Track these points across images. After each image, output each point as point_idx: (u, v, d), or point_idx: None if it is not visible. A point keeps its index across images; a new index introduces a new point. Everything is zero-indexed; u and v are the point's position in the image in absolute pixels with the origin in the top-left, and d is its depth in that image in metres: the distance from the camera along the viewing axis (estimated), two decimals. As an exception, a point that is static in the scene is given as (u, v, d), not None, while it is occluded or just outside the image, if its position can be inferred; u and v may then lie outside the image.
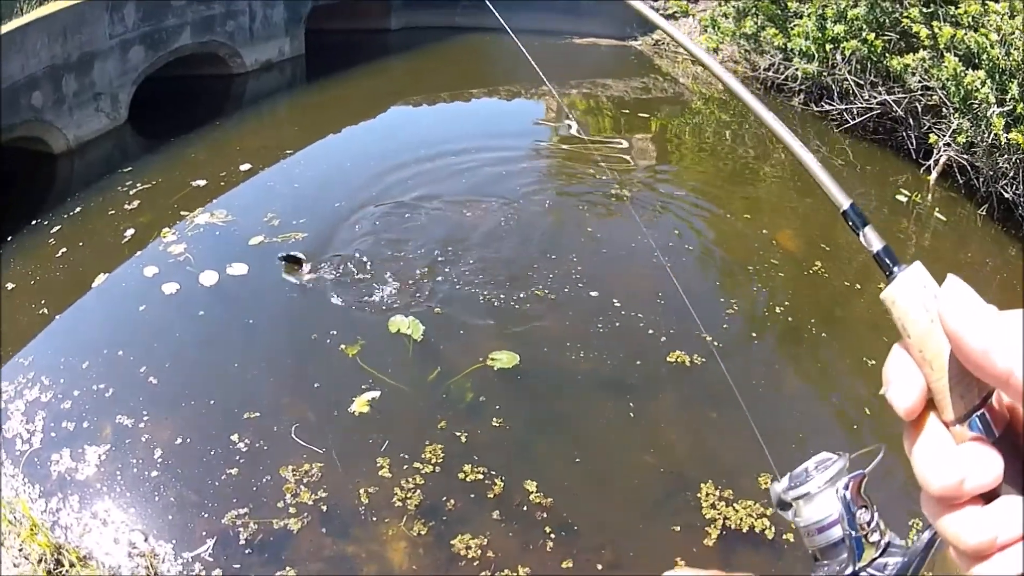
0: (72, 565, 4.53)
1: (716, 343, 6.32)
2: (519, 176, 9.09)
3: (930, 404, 0.66)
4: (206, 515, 4.93)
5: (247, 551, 4.73)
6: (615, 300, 6.76)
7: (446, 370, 6.08)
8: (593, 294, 6.85)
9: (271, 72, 12.30)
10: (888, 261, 0.73)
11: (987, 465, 0.61)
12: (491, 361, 6.11)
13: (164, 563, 4.68)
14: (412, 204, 8.24)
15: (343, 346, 6.24)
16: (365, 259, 7.28)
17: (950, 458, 0.62)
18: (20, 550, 4.63)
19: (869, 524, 1.05)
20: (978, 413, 0.63)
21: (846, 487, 1.06)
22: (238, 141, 9.92)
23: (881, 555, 1.04)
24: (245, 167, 9.12)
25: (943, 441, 0.64)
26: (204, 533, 4.82)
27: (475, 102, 12.22)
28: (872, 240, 0.77)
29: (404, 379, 5.99)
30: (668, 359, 6.21)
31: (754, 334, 6.71)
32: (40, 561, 4.54)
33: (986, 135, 8.31)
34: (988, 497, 0.62)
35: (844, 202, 0.84)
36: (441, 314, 6.63)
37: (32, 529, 4.68)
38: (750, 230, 8.33)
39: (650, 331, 6.48)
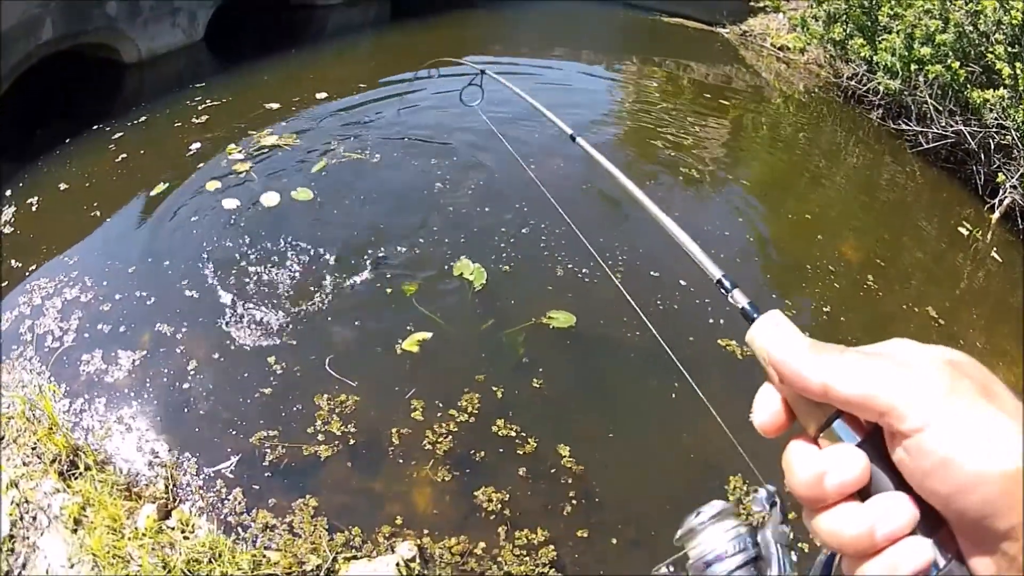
0: (88, 468, 4.49)
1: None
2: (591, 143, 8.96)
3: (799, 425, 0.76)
4: (233, 432, 4.90)
5: (271, 473, 4.69)
6: (682, 281, 6.63)
7: (500, 322, 6.00)
8: (655, 273, 6.71)
9: (355, 8, 12.22)
10: (750, 311, 0.86)
11: (846, 460, 0.70)
12: (547, 319, 6.02)
13: (185, 475, 4.65)
14: (479, 161, 8.12)
15: (404, 284, 6.17)
16: (429, 206, 7.20)
17: (809, 459, 0.72)
18: (33, 448, 4.59)
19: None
20: (835, 423, 0.72)
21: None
22: (314, 71, 9.90)
23: None
24: (320, 95, 9.09)
25: (805, 449, 0.74)
26: (229, 450, 4.78)
27: (553, 62, 12.08)
28: (739, 298, 0.92)
29: (458, 324, 5.93)
30: (719, 344, 6.09)
31: (804, 331, 6.54)
32: (54, 461, 4.50)
33: None
34: (864, 497, 0.70)
35: (716, 273, 1.00)
36: (506, 268, 6.54)
37: (51, 428, 4.63)
38: (810, 233, 8.17)
39: (705, 315, 6.34)
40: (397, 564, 4.24)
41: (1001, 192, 8.98)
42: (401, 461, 4.85)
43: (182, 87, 8.91)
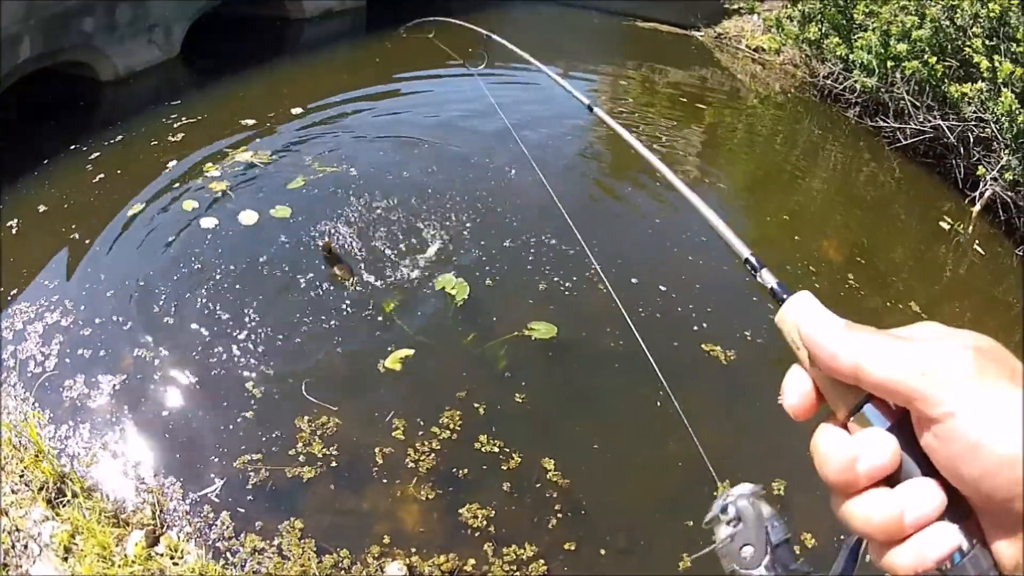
0: (75, 496, 4.46)
1: (749, 337, 6.24)
2: (563, 152, 9.01)
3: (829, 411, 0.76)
4: (217, 456, 4.89)
5: (256, 496, 4.68)
6: (661, 286, 6.65)
7: (482, 335, 6.00)
8: (634, 281, 6.73)
9: (331, 20, 12.15)
10: (780, 291, 0.85)
11: (877, 445, 0.69)
12: (529, 331, 6.03)
13: (172, 501, 4.64)
14: (455, 164, 8.12)
15: (384, 301, 6.16)
16: (412, 217, 7.20)
17: (841, 443, 0.71)
18: (21, 476, 4.57)
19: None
20: (865, 407, 0.71)
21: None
22: (291, 85, 9.84)
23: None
24: (296, 111, 9.05)
25: (836, 434, 0.73)
26: (214, 474, 4.78)
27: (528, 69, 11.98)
28: (767, 279, 0.91)
29: (439, 339, 5.93)
30: (704, 349, 6.12)
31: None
32: (41, 489, 4.48)
33: None
34: (892, 483, 0.69)
35: (745, 251, 1.00)
36: (487, 281, 6.55)
37: (37, 456, 4.62)
38: (790, 233, 8.22)
39: (688, 321, 6.37)
40: (386, 585, 4.25)
41: (981, 185, 9.02)
42: (385, 480, 4.84)
43: (158, 104, 8.87)
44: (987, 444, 0.63)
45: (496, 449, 5.10)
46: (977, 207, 9.14)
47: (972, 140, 9.24)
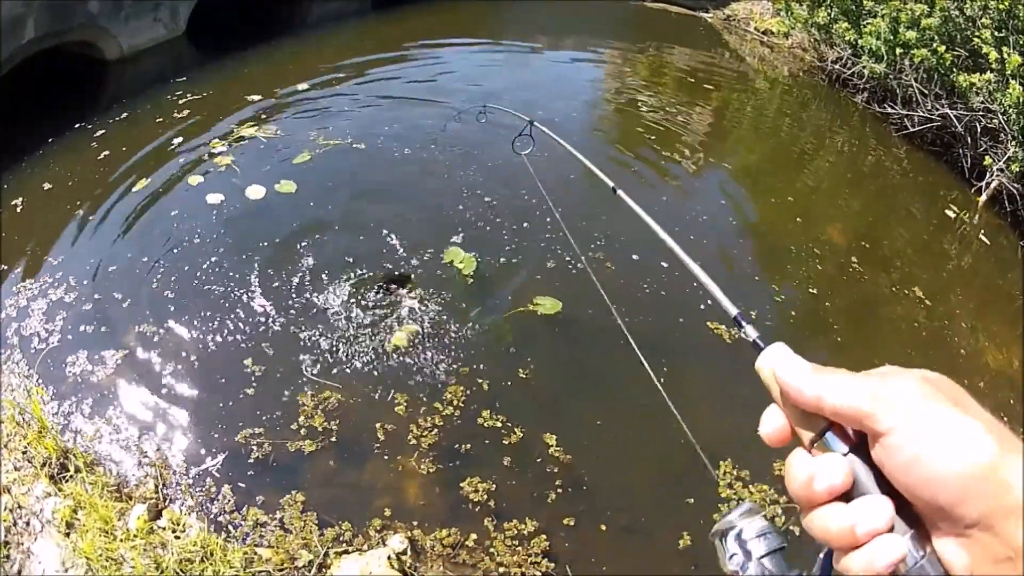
0: (78, 471, 4.47)
1: (754, 316, 6.21)
2: (568, 136, 8.95)
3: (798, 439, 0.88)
4: (218, 431, 4.90)
5: (259, 470, 4.69)
6: (663, 263, 6.64)
7: (489, 310, 6.01)
8: (635, 257, 6.71)
9: (338, -2, 12.12)
10: (760, 343, 0.98)
11: (833, 467, 0.81)
12: (534, 306, 6.03)
13: (174, 474, 4.65)
14: (460, 154, 8.09)
15: (388, 275, 6.15)
16: (416, 191, 7.23)
17: (802, 465, 0.83)
18: (24, 452, 4.57)
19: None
20: (826, 434, 0.84)
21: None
22: (296, 62, 9.82)
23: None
24: (302, 86, 9.05)
25: (801, 456, 0.85)
26: (215, 448, 4.78)
27: (537, 48, 12.04)
28: (750, 332, 1.06)
29: (446, 314, 5.91)
30: (708, 327, 6.12)
31: (791, 314, 6.64)
32: (44, 465, 4.48)
33: None
34: (848, 499, 0.80)
35: (733, 310, 1.17)
36: (495, 256, 6.55)
37: (40, 431, 4.62)
38: (795, 216, 8.19)
39: (695, 299, 6.34)
40: (389, 558, 4.24)
41: (988, 175, 8.96)
42: (387, 454, 4.85)
43: (164, 82, 8.86)
44: (927, 456, 0.74)
45: (499, 424, 5.10)
46: (983, 197, 9.09)
47: (979, 130, 9.19)
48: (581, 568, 4.50)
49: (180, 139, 7.68)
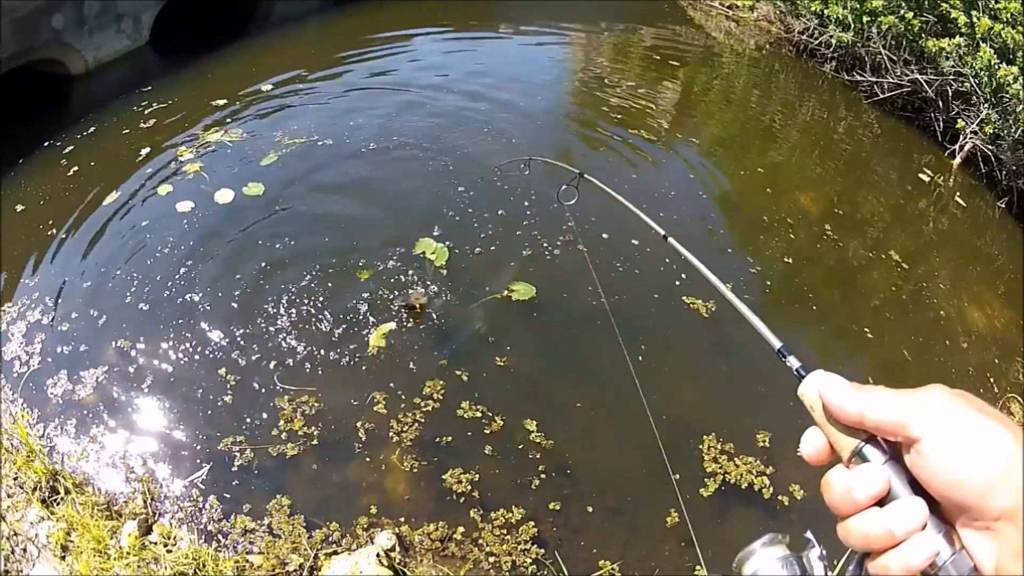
0: (68, 492, 4.49)
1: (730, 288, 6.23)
2: (535, 118, 8.99)
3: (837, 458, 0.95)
4: (200, 442, 4.92)
5: (244, 477, 4.72)
6: (633, 240, 6.67)
7: (464, 300, 6.02)
8: (604, 236, 6.73)
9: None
10: (802, 372, 1.05)
11: (873, 473, 0.87)
12: (509, 291, 6.06)
13: (162, 487, 4.67)
14: (427, 143, 8.08)
15: (359, 271, 6.16)
16: (382, 184, 7.24)
17: (841, 477, 0.90)
18: (15, 479, 4.60)
19: None
20: (864, 448, 0.90)
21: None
22: (260, 62, 9.73)
23: None
24: (266, 87, 9.01)
25: (839, 471, 0.91)
26: (199, 459, 4.81)
27: (501, 33, 12.00)
28: (793, 363, 1.14)
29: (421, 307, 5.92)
30: (685, 301, 6.16)
31: (767, 284, 6.68)
32: (35, 489, 4.51)
33: (1014, 130, 8.19)
34: (884, 505, 0.87)
35: (776, 343, 1.26)
36: (467, 245, 6.54)
37: (28, 455, 4.64)
38: (767, 187, 8.24)
39: (670, 275, 6.39)
40: (378, 555, 4.28)
41: (961, 138, 9.00)
42: (369, 453, 4.88)
43: (129, 93, 8.79)
44: (954, 456, 0.81)
45: (479, 414, 5.14)
46: (957, 160, 9.13)
47: (951, 94, 9.20)
48: (570, 551, 4.55)
49: (148, 149, 7.63)
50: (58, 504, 4.47)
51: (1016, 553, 0.78)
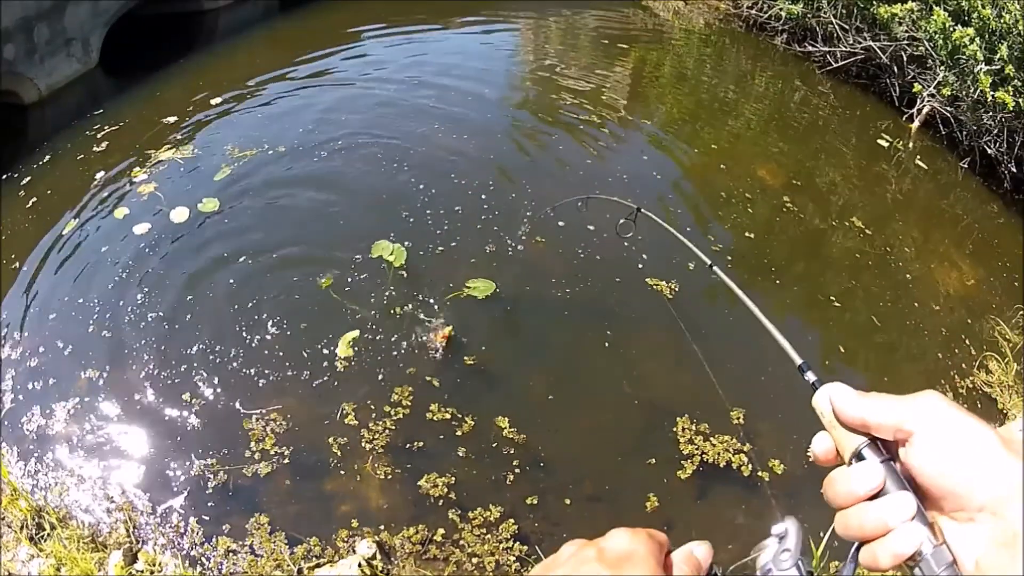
0: (53, 528, 4.50)
1: (691, 268, 6.28)
2: (492, 109, 9.00)
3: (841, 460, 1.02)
4: (173, 468, 4.92)
5: (218, 500, 4.73)
6: (589, 226, 6.69)
7: (426, 301, 6.00)
8: (561, 224, 6.74)
9: (243, 5, 11.85)
10: (817, 385, 1.11)
11: (871, 470, 0.94)
12: (467, 289, 6.05)
13: (142, 515, 4.68)
14: (384, 139, 8.07)
15: (320, 279, 6.14)
16: (336, 188, 7.24)
17: (841, 474, 0.97)
18: (2, 518, 4.61)
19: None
20: (863, 449, 0.97)
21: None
22: (208, 76, 9.63)
23: None
24: (215, 101, 8.94)
25: (840, 469, 0.98)
26: (175, 484, 4.81)
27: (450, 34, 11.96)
28: (810, 376, 1.21)
29: (382, 312, 5.90)
30: (648, 283, 6.21)
31: (728, 259, 6.74)
32: (22, 528, 4.52)
33: (972, 91, 8.25)
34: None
35: (798, 359, 1.34)
36: (425, 244, 6.53)
37: (12, 495, 4.65)
38: (723, 163, 8.26)
39: (632, 259, 6.42)
40: (360, 564, 4.32)
41: (919, 101, 9.09)
42: (343, 464, 4.90)
43: (81, 118, 8.70)
44: (943, 451, 0.90)
45: (448, 416, 5.15)
46: (916, 123, 9.23)
47: (905, 59, 9.28)
48: (552, 545, 4.50)
49: (102, 172, 7.56)
50: (45, 540, 4.48)
51: (995, 543, 0.84)
